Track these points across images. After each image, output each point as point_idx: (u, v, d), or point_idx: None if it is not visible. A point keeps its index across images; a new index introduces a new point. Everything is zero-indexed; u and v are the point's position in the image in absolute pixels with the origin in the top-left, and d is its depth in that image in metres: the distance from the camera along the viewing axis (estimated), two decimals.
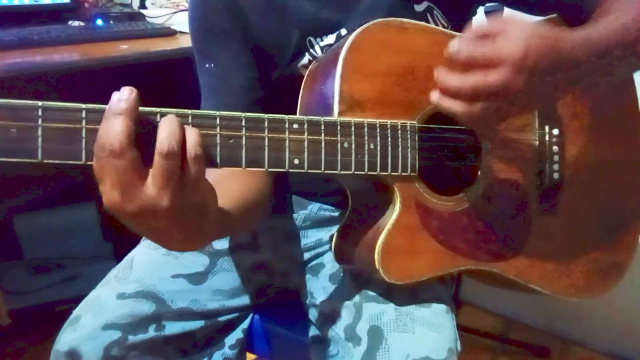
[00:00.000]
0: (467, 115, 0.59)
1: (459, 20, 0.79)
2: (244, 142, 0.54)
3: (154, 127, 0.49)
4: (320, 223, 0.90)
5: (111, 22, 1.47)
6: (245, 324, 0.88)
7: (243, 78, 0.78)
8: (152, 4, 1.70)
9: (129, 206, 0.47)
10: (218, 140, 0.53)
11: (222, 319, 0.84)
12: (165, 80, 1.44)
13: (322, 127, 0.59)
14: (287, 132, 0.57)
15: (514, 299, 1.66)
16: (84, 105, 0.47)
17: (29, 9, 1.45)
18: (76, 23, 1.44)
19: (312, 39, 0.76)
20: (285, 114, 0.67)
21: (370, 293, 0.75)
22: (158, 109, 0.50)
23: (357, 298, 0.76)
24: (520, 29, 0.58)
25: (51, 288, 1.62)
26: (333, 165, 0.60)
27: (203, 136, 0.51)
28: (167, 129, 0.48)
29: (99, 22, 1.47)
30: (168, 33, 1.42)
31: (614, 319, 1.53)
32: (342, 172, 0.60)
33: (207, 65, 0.78)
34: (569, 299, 0.81)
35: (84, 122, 0.47)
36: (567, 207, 0.78)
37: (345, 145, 0.60)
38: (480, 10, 0.87)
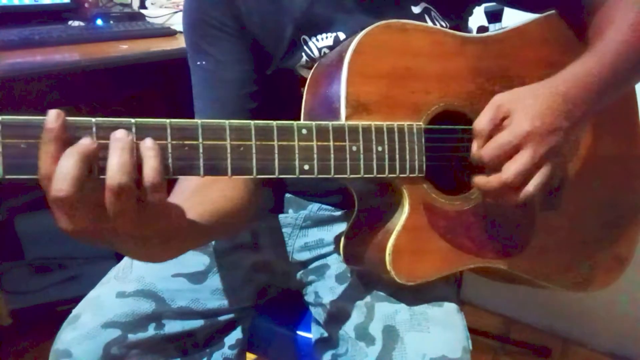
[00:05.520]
0: (525, 200, 0.62)
1: (456, 19, 0.79)
2: (254, 151, 0.54)
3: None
4: (321, 223, 0.89)
5: (111, 22, 1.47)
6: (245, 324, 0.87)
7: (237, 71, 0.77)
8: (152, 4, 1.71)
9: (84, 230, 0.46)
10: (228, 150, 0.52)
11: (222, 318, 0.83)
12: (165, 80, 1.44)
13: (331, 133, 0.59)
14: (296, 139, 0.57)
15: (515, 299, 1.66)
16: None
17: (29, 9, 1.45)
18: (76, 23, 1.44)
19: (306, 37, 0.76)
20: (281, 110, 0.67)
21: (381, 293, 0.75)
22: (161, 121, 0.49)
23: (367, 298, 0.76)
24: (521, 102, 0.62)
25: (52, 288, 1.62)
26: (342, 169, 0.60)
27: (212, 147, 0.51)
28: (116, 159, 0.43)
29: (99, 22, 1.47)
30: (168, 33, 1.43)
31: (614, 319, 1.53)
32: (352, 176, 0.61)
33: (198, 63, 0.78)
34: (574, 292, 0.81)
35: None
36: (569, 202, 0.79)
37: (354, 149, 0.61)
38: (478, 10, 0.87)
